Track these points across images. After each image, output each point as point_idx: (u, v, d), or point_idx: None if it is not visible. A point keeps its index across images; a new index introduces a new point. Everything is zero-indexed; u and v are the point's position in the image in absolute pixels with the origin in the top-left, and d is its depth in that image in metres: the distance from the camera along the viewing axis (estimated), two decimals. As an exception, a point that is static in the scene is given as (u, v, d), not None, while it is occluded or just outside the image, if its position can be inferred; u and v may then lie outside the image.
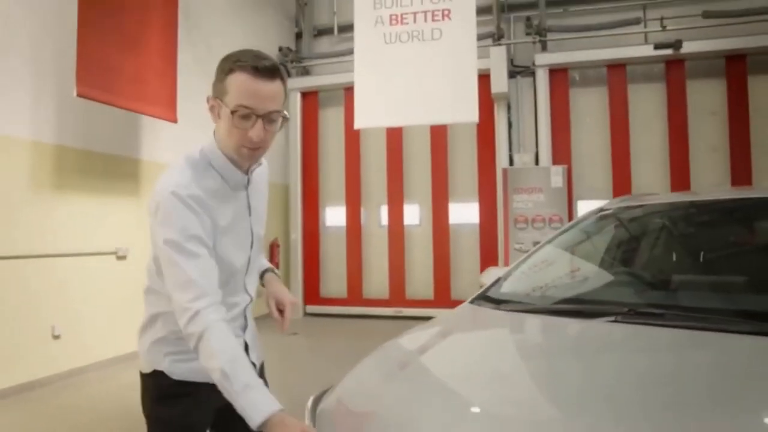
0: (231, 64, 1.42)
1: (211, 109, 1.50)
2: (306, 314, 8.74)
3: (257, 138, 1.44)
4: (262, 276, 1.80)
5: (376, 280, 8.66)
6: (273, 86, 1.44)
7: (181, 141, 6.15)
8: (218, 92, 1.46)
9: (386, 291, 8.59)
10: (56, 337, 5.03)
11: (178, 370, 1.59)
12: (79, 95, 4.75)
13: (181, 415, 1.59)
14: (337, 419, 1.62)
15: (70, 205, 5.22)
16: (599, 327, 1.82)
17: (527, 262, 2.58)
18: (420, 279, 8.51)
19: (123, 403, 4.32)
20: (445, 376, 1.71)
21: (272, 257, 8.22)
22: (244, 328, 1.67)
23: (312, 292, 8.91)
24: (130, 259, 5.77)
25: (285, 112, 1.49)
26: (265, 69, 1.41)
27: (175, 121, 5.88)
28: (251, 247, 1.65)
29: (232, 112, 1.42)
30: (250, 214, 1.63)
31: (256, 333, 1.76)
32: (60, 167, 5.12)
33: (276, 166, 8.51)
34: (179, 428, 1.61)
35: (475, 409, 1.45)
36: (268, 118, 1.44)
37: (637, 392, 1.37)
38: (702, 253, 2.55)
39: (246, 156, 1.50)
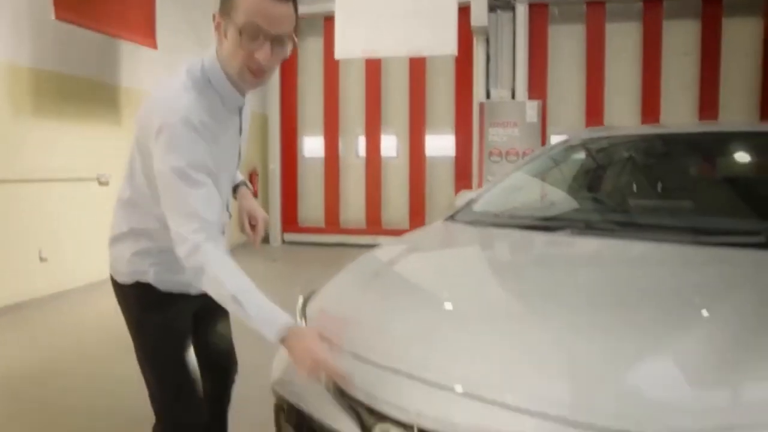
0: None
1: (217, 27, 1.43)
2: (284, 242, 8.97)
3: (264, 60, 1.39)
4: (235, 190, 1.79)
5: (353, 209, 8.88)
6: (285, 8, 1.38)
7: (161, 68, 6.14)
8: (226, 9, 1.39)
9: (363, 220, 8.84)
10: (43, 260, 5.16)
11: (164, 282, 1.60)
12: (58, 18, 4.71)
13: (171, 318, 1.62)
14: (320, 324, 1.74)
15: (50, 131, 5.23)
16: (560, 239, 2.08)
17: (498, 186, 2.79)
18: (396, 209, 8.75)
19: (106, 325, 4.49)
20: (418, 281, 1.92)
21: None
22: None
23: (290, 221, 9.11)
24: (112, 185, 5.84)
25: (295, 38, 1.43)
26: None
27: (154, 47, 5.85)
28: (236, 166, 1.70)
29: (240, 31, 1.35)
30: (240, 136, 1.64)
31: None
32: (38, 91, 5.10)
33: (255, 97, 8.44)
34: (169, 330, 1.63)
35: (445, 307, 1.67)
36: (277, 40, 1.39)
37: (585, 290, 1.63)
38: (660, 180, 2.80)
39: (248, 80, 1.46)
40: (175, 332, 1.65)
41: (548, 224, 2.29)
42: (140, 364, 1.67)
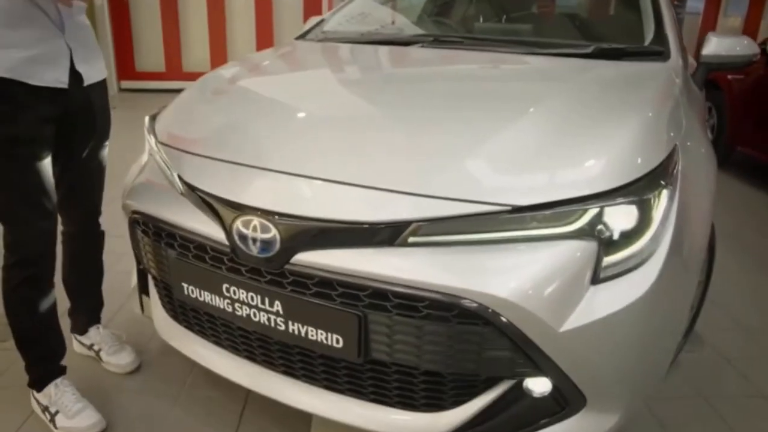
0: None
1: None
2: (121, 90, 8.23)
3: None
4: None
5: (197, 51, 8.26)
6: None
7: None
8: None
9: (207, 62, 8.27)
10: None
11: None
12: None
13: (12, 124, 1.50)
14: (169, 136, 1.68)
15: None
16: (411, 50, 2.20)
17: (348, 8, 2.73)
18: (242, 50, 8.27)
19: None
20: (266, 89, 1.91)
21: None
22: (62, 24, 1.57)
23: (126, 67, 8.29)
24: None
25: None
26: None
27: None
28: None
29: None
30: None
31: (95, 46, 1.72)
32: None
33: None
34: (9, 139, 1.51)
35: (293, 107, 1.69)
36: None
37: (430, 90, 1.75)
38: (502, 7, 2.95)
39: None
40: (16, 137, 1.51)
41: (400, 39, 2.36)
42: None
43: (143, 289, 1.79)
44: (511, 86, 1.81)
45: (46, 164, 1.61)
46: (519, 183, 1.25)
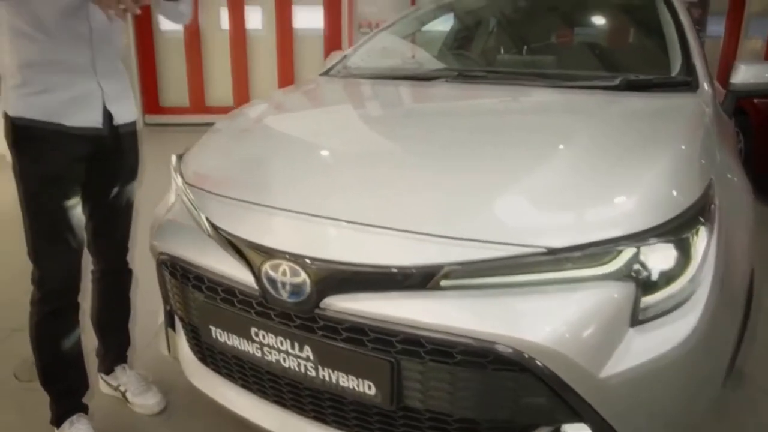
0: None
1: None
2: (146, 124, 8.38)
3: None
4: None
5: (219, 86, 8.41)
6: None
7: None
8: None
9: (230, 98, 8.42)
10: None
11: (33, 107, 1.55)
12: None
13: (46, 162, 1.57)
14: (196, 177, 1.69)
15: None
16: (435, 86, 2.19)
17: (371, 43, 2.75)
18: (264, 85, 8.41)
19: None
20: (294, 128, 1.91)
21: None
22: (95, 67, 1.62)
23: (151, 102, 8.47)
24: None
25: None
26: None
27: None
28: None
29: None
30: None
31: (127, 87, 1.75)
32: None
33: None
34: (43, 176, 1.58)
35: (321, 148, 1.69)
36: None
37: (456, 128, 1.73)
38: (526, 39, 2.95)
39: None
40: (49, 177, 1.59)
41: (424, 75, 2.34)
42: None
43: (170, 330, 1.78)
44: (539, 122, 1.78)
45: (75, 202, 1.66)
46: (553, 224, 1.22)
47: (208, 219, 1.47)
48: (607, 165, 1.38)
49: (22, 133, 1.57)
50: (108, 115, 1.67)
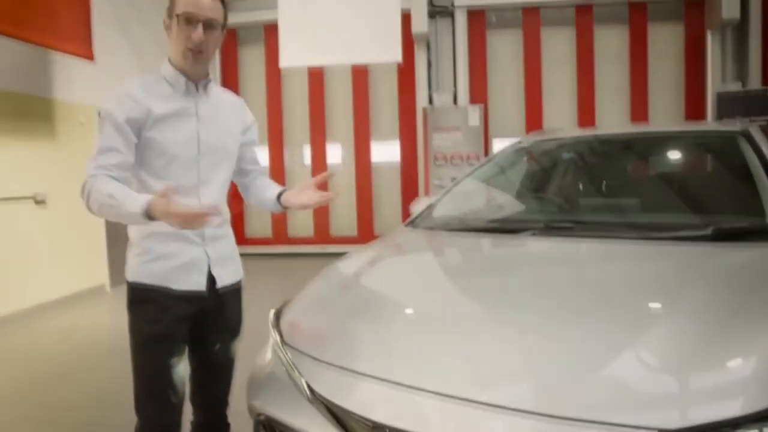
0: None
1: (166, 28, 1.73)
2: (231, 254, 8.79)
3: (198, 39, 1.67)
4: (279, 197, 2.03)
5: (301, 219, 8.81)
6: (212, 1, 1.70)
7: (98, 83, 5.94)
8: (169, 11, 1.71)
9: (311, 229, 8.78)
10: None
11: (145, 273, 1.72)
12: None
13: (153, 319, 1.70)
14: (295, 337, 1.73)
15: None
16: (524, 241, 2.17)
17: (451, 193, 2.85)
18: (344, 217, 8.74)
19: (49, 348, 4.32)
20: (391, 290, 1.91)
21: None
22: (203, 236, 1.76)
23: (237, 234, 8.90)
24: (50, 203, 5.57)
25: (223, 23, 1.74)
26: None
27: (91, 58, 5.65)
28: (198, 150, 1.75)
29: (177, 17, 1.67)
30: (197, 120, 1.76)
31: (232, 252, 1.90)
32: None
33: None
34: (149, 333, 1.71)
35: (423, 314, 1.68)
36: (208, 23, 1.68)
37: (554, 291, 1.70)
38: (607, 180, 2.95)
39: (190, 60, 1.71)
40: (155, 335, 1.72)
41: (509, 226, 2.38)
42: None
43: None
44: (639, 284, 1.70)
45: (179, 360, 1.75)
46: (665, 400, 1.16)
47: (308, 384, 1.49)
48: (720, 331, 1.32)
49: (137, 295, 1.74)
50: (212, 278, 1.79)
